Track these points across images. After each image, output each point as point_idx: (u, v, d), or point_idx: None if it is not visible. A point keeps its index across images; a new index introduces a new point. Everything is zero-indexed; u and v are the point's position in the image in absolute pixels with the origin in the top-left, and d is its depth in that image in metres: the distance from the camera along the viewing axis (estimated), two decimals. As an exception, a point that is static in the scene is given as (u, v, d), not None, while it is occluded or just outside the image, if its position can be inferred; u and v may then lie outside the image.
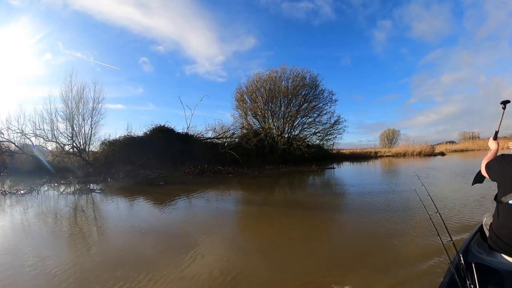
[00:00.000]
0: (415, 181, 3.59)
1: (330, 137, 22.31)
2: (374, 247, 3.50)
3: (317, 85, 20.56)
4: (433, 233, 2.73)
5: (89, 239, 4.20)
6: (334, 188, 9.49)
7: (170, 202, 7.09)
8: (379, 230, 4.25)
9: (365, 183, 9.76)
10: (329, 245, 3.81)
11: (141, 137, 17.66)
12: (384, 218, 4.87)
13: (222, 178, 12.16)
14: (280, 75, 19.60)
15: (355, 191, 8.21)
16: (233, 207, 6.71)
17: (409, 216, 4.86)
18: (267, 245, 3.82)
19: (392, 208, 5.62)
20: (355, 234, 4.16)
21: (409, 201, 6.13)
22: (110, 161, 15.98)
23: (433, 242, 3.39)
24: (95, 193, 8.76)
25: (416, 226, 4.25)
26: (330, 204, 6.71)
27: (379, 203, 6.14)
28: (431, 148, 30.42)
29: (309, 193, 8.75)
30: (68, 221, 5.35)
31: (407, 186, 8.11)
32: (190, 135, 18.81)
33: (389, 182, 9.94)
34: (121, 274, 2.84)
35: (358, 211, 5.52)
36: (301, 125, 20.46)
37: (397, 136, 44.25)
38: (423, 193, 2.92)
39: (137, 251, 3.61)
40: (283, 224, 4.87)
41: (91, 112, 18.78)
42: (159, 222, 5.22)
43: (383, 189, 8.26)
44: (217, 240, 3.96)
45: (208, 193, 8.49)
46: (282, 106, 19.83)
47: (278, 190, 9.90)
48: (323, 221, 5.12)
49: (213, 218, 5.44)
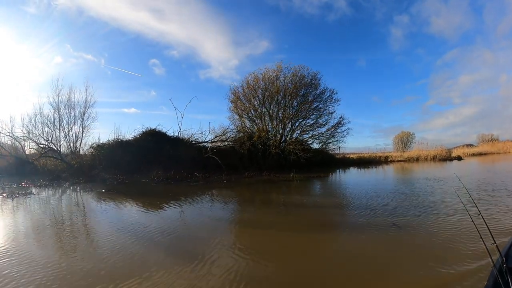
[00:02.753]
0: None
1: (332, 140, 20.54)
2: (412, 250, 3.39)
3: (317, 83, 19.04)
4: (475, 235, 2.41)
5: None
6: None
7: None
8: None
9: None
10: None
11: (128, 141, 16.77)
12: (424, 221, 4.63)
13: (177, 186, 10.54)
14: (277, 74, 18.28)
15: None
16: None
17: (448, 220, 4.65)
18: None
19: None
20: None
21: (446, 203, 6.06)
22: (93, 165, 15.19)
23: (475, 245, 3.27)
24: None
25: (457, 229, 4.11)
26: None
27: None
28: (447, 151, 28.12)
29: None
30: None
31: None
32: (181, 138, 17.75)
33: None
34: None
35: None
36: (300, 127, 18.90)
37: (412, 139, 42.10)
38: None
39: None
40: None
41: (81, 116, 18.40)
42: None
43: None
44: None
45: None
46: (277, 107, 18.43)
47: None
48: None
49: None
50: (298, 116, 18.64)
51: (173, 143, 16.90)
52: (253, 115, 18.90)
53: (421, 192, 7.86)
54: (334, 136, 20.52)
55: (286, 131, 18.41)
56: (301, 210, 6.30)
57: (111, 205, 7.08)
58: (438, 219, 4.76)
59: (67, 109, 17.60)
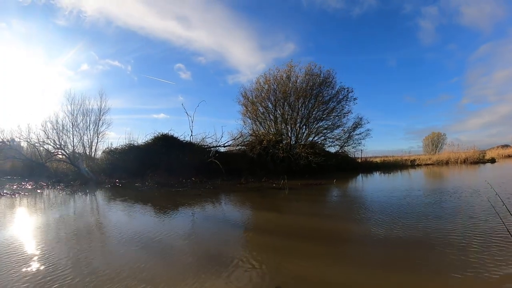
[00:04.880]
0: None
1: (351, 143, 19.25)
2: (441, 261, 3.02)
3: (331, 82, 17.92)
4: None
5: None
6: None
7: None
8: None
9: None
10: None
11: (139, 146, 16.85)
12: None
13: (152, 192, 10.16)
14: (288, 74, 17.44)
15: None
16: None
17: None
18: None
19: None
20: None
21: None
22: (104, 169, 15.46)
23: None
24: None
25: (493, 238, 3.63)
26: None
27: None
28: (480, 153, 25.61)
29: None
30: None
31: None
32: (192, 143, 17.49)
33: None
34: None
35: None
36: (314, 129, 17.83)
37: (443, 141, 39.20)
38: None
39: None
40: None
41: (96, 122, 18.98)
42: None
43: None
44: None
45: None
46: (288, 108, 17.55)
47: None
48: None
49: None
50: (310, 117, 17.67)
51: (182, 148, 16.68)
52: (262, 118, 18.24)
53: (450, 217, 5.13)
54: (352, 138, 19.33)
55: (298, 134, 17.53)
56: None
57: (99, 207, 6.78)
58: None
59: (81, 116, 18.20)
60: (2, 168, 15.26)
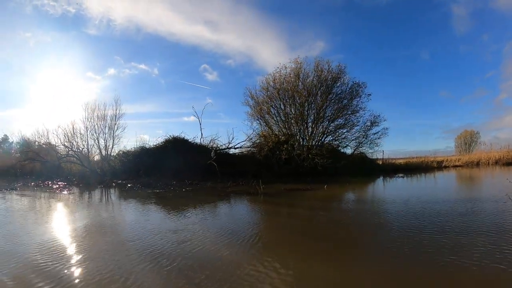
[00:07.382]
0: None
1: (367, 143, 18.12)
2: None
3: (343, 78, 17.03)
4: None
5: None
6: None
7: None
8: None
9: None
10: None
11: (149, 148, 17.29)
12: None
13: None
14: (297, 72, 16.85)
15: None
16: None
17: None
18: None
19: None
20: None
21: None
22: (115, 171, 16.12)
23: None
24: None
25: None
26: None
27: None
28: (516, 154, 23.08)
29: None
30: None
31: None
32: (201, 145, 17.57)
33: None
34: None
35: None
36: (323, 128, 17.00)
37: (476, 140, 36.21)
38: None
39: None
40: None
41: (112, 127, 19.86)
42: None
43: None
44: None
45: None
46: (295, 107, 16.98)
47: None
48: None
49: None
50: (320, 115, 16.91)
51: (191, 149, 16.80)
52: (270, 118, 17.82)
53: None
54: (368, 138, 18.17)
55: (307, 134, 16.89)
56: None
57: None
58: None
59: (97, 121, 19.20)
60: (24, 169, 16.43)
